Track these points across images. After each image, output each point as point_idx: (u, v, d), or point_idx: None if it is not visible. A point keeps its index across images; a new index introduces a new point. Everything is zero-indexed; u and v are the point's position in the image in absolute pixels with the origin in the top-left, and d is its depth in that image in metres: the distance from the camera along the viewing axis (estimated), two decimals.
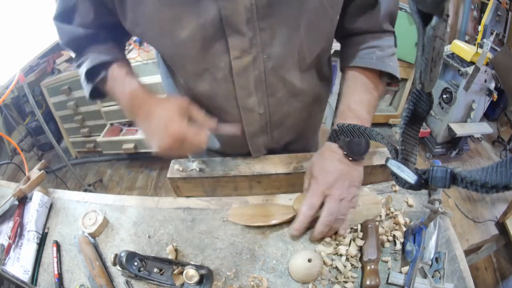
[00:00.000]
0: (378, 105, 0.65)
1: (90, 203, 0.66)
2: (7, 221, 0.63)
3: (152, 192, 2.14)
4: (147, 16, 0.49)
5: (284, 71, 0.57)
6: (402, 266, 0.58)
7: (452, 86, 2.21)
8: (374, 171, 0.71)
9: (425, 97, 0.35)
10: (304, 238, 0.60)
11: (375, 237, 0.57)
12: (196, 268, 0.51)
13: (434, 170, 0.32)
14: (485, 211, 2.11)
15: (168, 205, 0.65)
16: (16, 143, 2.21)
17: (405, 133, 0.38)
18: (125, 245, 0.59)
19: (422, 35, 0.28)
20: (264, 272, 0.56)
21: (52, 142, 1.78)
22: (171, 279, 0.52)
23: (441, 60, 0.30)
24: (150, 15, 0.49)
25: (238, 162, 0.69)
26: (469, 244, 1.73)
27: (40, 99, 2.18)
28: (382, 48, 0.60)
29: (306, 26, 0.52)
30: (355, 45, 0.62)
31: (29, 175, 0.67)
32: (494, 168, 0.26)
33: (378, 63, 0.60)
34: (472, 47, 2.07)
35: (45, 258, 0.58)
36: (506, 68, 1.78)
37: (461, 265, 0.58)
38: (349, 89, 0.61)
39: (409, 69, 2.37)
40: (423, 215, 0.63)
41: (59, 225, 0.63)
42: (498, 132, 2.65)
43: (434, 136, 2.43)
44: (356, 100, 0.60)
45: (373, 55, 0.60)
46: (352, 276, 0.54)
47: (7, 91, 1.43)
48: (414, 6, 0.27)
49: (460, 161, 2.49)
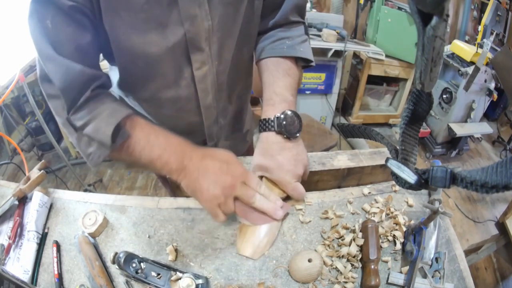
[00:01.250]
0: (377, 105, 0.68)
1: (90, 203, 0.66)
2: (7, 221, 0.63)
3: (152, 192, 2.14)
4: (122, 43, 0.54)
5: (229, 70, 0.68)
6: (402, 266, 0.58)
7: (452, 86, 2.21)
8: (374, 171, 0.71)
9: (425, 97, 0.35)
10: (304, 238, 0.60)
11: (375, 237, 0.57)
12: (193, 277, 0.51)
13: (434, 170, 0.32)
14: (485, 211, 2.11)
15: (168, 205, 0.65)
16: (16, 143, 2.21)
17: (405, 133, 0.39)
18: (125, 245, 0.59)
19: (422, 35, 0.28)
20: (264, 272, 0.56)
21: (52, 142, 1.78)
22: (168, 284, 0.52)
23: (441, 60, 0.30)
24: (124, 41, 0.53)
25: None
26: (469, 244, 1.73)
27: (40, 99, 2.18)
28: (292, 38, 0.67)
29: (241, 33, 0.63)
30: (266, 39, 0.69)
31: (29, 175, 0.67)
32: (494, 168, 0.26)
33: (289, 50, 0.66)
34: (472, 47, 2.07)
35: (45, 258, 0.58)
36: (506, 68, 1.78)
37: (461, 265, 0.58)
38: (270, 77, 0.66)
39: (409, 69, 2.38)
40: (423, 215, 0.63)
41: (59, 225, 0.63)
42: (498, 132, 2.65)
43: (434, 136, 2.44)
44: (280, 85, 0.64)
45: (284, 45, 0.66)
46: (352, 276, 0.54)
47: (7, 91, 1.43)
48: (414, 6, 0.27)
49: (460, 161, 2.49)
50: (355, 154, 0.74)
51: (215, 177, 0.53)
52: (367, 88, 2.53)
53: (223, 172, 0.53)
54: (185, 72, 0.62)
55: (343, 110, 2.72)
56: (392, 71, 2.37)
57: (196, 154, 0.54)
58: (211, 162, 0.54)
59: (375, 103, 2.75)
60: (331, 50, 2.09)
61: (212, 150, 0.57)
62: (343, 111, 2.75)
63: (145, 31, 0.53)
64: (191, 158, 0.54)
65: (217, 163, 0.54)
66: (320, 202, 0.66)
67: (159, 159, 0.53)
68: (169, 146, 0.54)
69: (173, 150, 0.53)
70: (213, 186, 0.52)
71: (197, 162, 0.54)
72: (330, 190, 0.69)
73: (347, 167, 0.71)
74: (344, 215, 0.64)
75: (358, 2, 2.49)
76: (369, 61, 2.30)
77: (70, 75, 0.47)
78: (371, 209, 0.64)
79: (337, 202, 0.66)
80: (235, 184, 0.53)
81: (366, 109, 2.73)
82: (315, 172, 0.70)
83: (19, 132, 2.31)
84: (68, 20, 0.46)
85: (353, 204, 0.67)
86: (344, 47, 2.07)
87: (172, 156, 0.53)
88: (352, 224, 0.62)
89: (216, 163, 0.54)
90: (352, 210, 0.65)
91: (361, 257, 0.57)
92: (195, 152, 0.55)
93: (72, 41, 0.47)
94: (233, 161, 0.56)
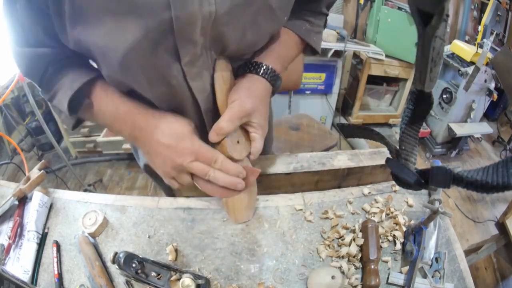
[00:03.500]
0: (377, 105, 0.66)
1: (90, 203, 0.66)
2: (7, 221, 0.63)
3: (152, 192, 2.14)
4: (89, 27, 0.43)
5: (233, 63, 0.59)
6: (402, 266, 0.58)
7: (452, 86, 2.21)
8: (374, 171, 0.71)
9: (425, 97, 0.35)
10: (304, 238, 0.60)
11: (375, 237, 0.57)
12: (194, 277, 0.51)
13: (434, 170, 0.32)
14: (485, 211, 2.11)
15: (168, 205, 0.65)
16: (16, 143, 2.21)
17: (405, 133, 0.38)
18: (125, 245, 0.59)
19: (422, 35, 0.28)
20: (264, 272, 0.56)
21: (52, 142, 1.78)
22: (168, 284, 0.52)
23: (441, 60, 0.30)
24: (92, 25, 0.42)
25: None
26: (469, 244, 1.73)
27: (40, 99, 2.17)
28: (313, 24, 0.66)
29: (252, 27, 0.51)
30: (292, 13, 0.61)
31: (29, 175, 0.67)
32: (494, 168, 0.26)
33: (305, 33, 0.64)
34: (472, 47, 2.07)
35: (45, 258, 0.58)
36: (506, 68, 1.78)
37: (461, 265, 0.58)
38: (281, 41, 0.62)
39: (409, 69, 2.38)
40: (423, 215, 0.63)
41: (59, 225, 0.63)
42: (498, 132, 2.65)
43: (434, 136, 2.44)
44: (285, 53, 0.63)
45: (303, 26, 0.65)
46: (356, 278, 0.55)
47: (7, 91, 1.43)
48: (414, 6, 0.27)
49: (460, 161, 2.49)
50: (355, 154, 0.74)
51: (163, 156, 0.50)
52: (367, 88, 2.53)
53: (171, 152, 0.50)
54: (173, 69, 0.49)
55: (343, 110, 2.72)
56: (392, 71, 2.37)
57: (147, 125, 0.51)
58: (160, 141, 0.50)
59: (375, 103, 2.75)
60: (331, 50, 2.09)
61: (164, 122, 0.51)
62: (343, 111, 2.74)
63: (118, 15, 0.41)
64: (141, 129, 0.51)
65: (166, 142, 0.50)
66: (320, 202, 0.66)
67: (112, 126, 0.54)
68: (118, 115, 0.52)
69: (122, 119, 0.52)
70: (163, 164, 0.51)
71: (147, 136, 0.51)
72: (330, 190, 0.69)
73: (347, 167, 0.71)
74: (344, 215, 0.64)
75: (358, 2, 2.49)
76: (369, 61, 2.30)
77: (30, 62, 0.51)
78: (371, 209, 0.64)
79: (337, 202, 0.66)
80: (183, 163, 0.49)
81: (366, 109, 2.73)
82: (315, 172, 0.70)
83: (19, 132, 2.31)
84: None
85: (353, 204, 0.67)
86: (344, 47, 2.07)
87: (122, 126, 0.53)
88: (352, 224, 0.62)
89: (165, 142, 0.50)
90: (352, 210, 0.65)
91: (361, 257, 0.57)
92: (147, 122, 0.51)
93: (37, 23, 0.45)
94: (184, 136, 0.50)
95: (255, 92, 0.56)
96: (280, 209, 0.65)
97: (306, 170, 0.69)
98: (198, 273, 0.55)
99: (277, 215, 0.64)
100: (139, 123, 0.51)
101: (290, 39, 0.64)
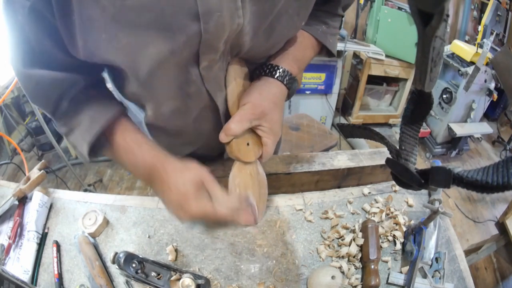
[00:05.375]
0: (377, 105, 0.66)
1: (90, 203, 0.66)
2: (7, 221, 0.63)
3: (152, 192, 2.13)
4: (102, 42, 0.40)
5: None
6: (402, 266, 0.58)
7: (452, 86, 2.21)
8: (374, 171, 0.71)
9: (425, 97, 0.35)
10: (304, 238, 0.60)
11: (375, 237, 0.57)
12: (194, 277, 0.51)
13: (434, 170, 0.32)
14: (485, 211, 2.11)
15: None
16: (16, 143, 2.21)
17: (405, 133, 0.38)
18: (125, 245, 0.59)
19: (422, 35, 0.28)
20: (264, 272, 0.56)
21: (52, 142, 1.78)
22: (168, 284, 0.52)
23: (441, 60, 0.30)
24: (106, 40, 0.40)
25: None
26: (469, 244, 1.73)
27: None
28: (329, 26, 0.65)
29: (270, 33, 0.51)
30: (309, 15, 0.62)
31: (29, 175, 0.67)
32: (494, 168, 0.26)
33: (322, 35, 0.63)
34: (472, 47, 2.07)
35: (45, 258, 0.58)
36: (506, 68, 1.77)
37: (461, 265, 0.58)
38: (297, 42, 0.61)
39: (409, 69, 2.38)
40: (423, 215, 0.63)
41: (59, 225, 0.63)
42: (498, 132, 2.65)
43: (434, 136, 2.44)
44: (301, 55, 0.61)
45: (320, 28, 0.63)
46: (356, 278, 0.54)
47: (7, 91, 1.43)
48: (414, 6, 0.27)
49: (460, 161, 2.49)
50: (355, 154, 0.74)
51: (172, 208, 0.48)
52: (367, 88, 2.53)
53: (178, 207, 0.47)
54: (192, 74, 0.49)
55: (343, 110, 2.72)
56: (392, 71, 2.37)
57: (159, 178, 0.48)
58: (168, 196, 0.48)
59: (375, 103, 2.75)
60: None
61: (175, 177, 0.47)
62: (343, 111, 2.74)
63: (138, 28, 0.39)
64: (154, 181, 0.49)
65: (174, 198, 0.47)
66: (320, 202, 0.66)
67: (132, 172, 0.52)
68: (135, 168, 0.50)
69: (140, 172, 0.50)
70: (173, 211, 0.48)
71: (159, 187, 0.49)
72: (330, 190, 0.69)
73: (347, 167, 0.71)
74: (344, 215, 0.64)
75: (358, 2, 2.49)
76: (369, 61, 2.30)
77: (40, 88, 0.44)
78: (371, 209, 0.64)
79: (337, 202, 0.66)
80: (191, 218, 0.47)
81: (366, 109, 2.73)
82: (315, 172, 0.70)
83: (19, 132, 2.31)
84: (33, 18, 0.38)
85: (353, 204, 0.67)
86: (344, 47, 2.07)
87: (139, 176, 0.51)
88: (352, 224, 0.62)
89: (173, 198, 0.47)
90: (352, 210, 0.65)
91: (361, 257, 0.57)
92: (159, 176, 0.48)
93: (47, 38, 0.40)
94: (190, 197, 0.46)
95: (269, 95, 0.55)
96: (280, 209, 0.65)
97: (306, 170, 0.69)
98: (198, 273, 0.55)
99: (277, 215, 0.64)
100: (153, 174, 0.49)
101: (307, 41, 0.63)
